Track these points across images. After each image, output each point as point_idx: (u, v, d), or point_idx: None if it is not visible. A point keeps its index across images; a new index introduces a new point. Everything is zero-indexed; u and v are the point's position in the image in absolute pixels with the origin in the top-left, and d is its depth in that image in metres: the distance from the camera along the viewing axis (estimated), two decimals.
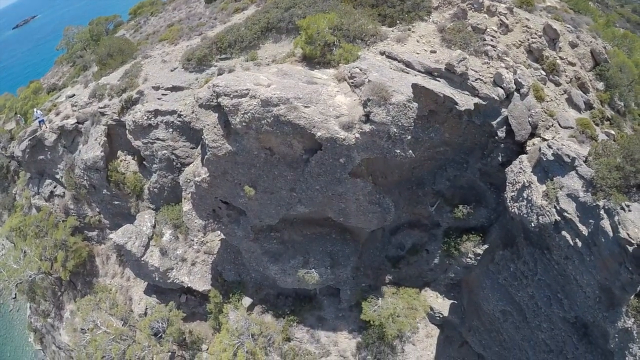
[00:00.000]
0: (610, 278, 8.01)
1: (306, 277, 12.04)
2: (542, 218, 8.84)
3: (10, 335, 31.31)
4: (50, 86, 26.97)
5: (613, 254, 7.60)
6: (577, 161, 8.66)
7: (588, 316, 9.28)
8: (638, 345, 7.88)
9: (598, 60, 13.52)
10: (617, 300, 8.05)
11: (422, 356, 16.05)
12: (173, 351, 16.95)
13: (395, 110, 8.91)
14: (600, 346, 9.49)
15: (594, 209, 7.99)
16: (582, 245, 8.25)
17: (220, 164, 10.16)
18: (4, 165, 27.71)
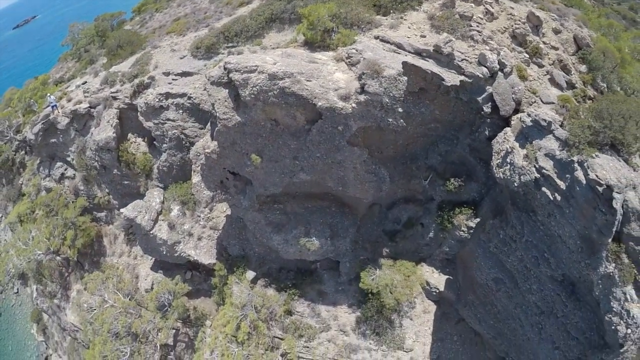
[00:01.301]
0: (588, 225, 9.17)
1: (307, 245, 13.41)
2: (523, 177, 10.29)
3: (12, 329, 32.50)
4: (57, 79, 28.88)
5: (587, 200, 8.88)
6: (553, 125, 10.18)
7: (574, 272, 10.46)
8: (621, 288, 9.00)
9: (580, 45, 15.17)
10: (597, 246, 9.20)
11: (420, 331, 17.26)
12: (177, 328, 18.19)
13: (387, 82, 10.51)
14: (588, 302, 10.63)
15: (569, 164, 9.37)
16: (561, 199, 9.58)
17: (229, 135, 11.71)
18: (9, 157, 29.41)
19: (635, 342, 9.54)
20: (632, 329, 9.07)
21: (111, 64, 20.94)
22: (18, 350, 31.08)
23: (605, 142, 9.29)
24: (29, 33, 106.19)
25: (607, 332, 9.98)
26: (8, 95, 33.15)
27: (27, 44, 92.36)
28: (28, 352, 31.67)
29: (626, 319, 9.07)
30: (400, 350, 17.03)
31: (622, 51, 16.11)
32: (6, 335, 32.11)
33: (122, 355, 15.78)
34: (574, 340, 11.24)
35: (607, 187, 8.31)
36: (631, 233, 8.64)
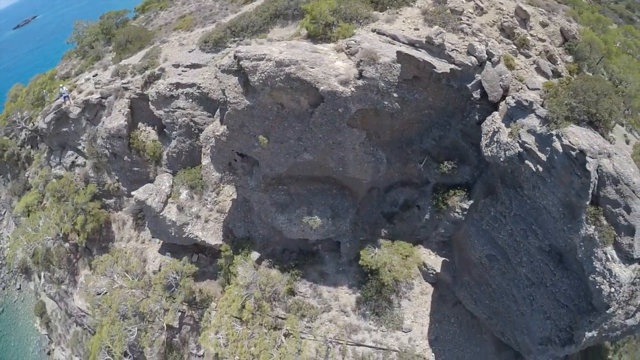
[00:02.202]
0: (567, 191, 10.47)
1: (310, 223, 14.81)
2: (508, 152, 11.76)
3: (15, 325, 33.73)
4: (63, 75, 30.57)
5: (565, 166, 10.22)
6: (534, 104, 11.69)
7: (559, 240, 11.68)
8: (602, 249, 10.18)
9: (567, 37, 16.76)
10: (577, 210, 10.45)
11: (418, 312, 18.53)
12: (183, 311, 19.42)
13: (382, 68, 12.07)
14: (575, 271, 11.85)
15: (549, 137, 10.80)
16: (542, 170, 10.96)
17: (239, 118, 13.22)
18: (14, 152, 30.96)
19: (620, 304, 10.64)
20: (615, 287, 10.22)
21: (120, 58, 22.62)
22: (21, 346, 32.23)
23: (582, 119, 10.72)
24: (29, 33, 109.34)
25: (593, 296, 11.18)
26: (14, 92, 34.94)
27: (27, 44, 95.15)
28: (30, 347, 32.83)
29: (609, 278, 10.25)
30: (399, 330, 18.29)
31: (609, 43, 17.72)
32: (9, 331, 33.29)
33: (130, 335, 17.01)
34: (564, 308, 12.50)
35: (580, 151, 9.75)
36: (607, 196, 9.93)
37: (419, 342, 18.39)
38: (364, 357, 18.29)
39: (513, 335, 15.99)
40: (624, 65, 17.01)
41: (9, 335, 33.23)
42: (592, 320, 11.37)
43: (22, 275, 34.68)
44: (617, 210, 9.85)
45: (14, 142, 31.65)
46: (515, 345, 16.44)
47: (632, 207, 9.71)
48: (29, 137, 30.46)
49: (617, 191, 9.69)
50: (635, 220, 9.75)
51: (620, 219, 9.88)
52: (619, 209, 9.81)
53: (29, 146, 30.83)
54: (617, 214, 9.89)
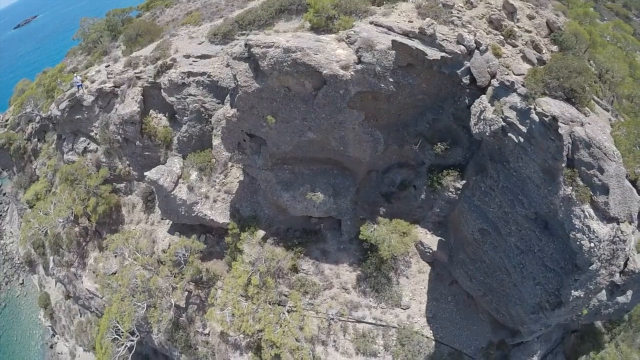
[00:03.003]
0: (545, 155, 12.11)
1: (313, 199, 16.64)
2: (492, 127, 13.66)
3: (18, 319, 35.40)
4: (71, 70, 32.77)
5: (541, 133, 11.98)
6: (516, 84, 13.65)
7: (543, 207, 13.25)
8: (579, 207, 11.75)
9: (552, 29, 18.82)
10: (555, 173, 12.07)
11: (416, 290, 20.21)
12: (190, 290, 21.06)
13: (379, 54, 14.10)
14: (559, 235, 13.30)
15: (528, 111, 12.64)
16: (523, 140, 12.72)
17: (249, 100, 15.19)
18: (20, 146, 32.99)
19: (602, 262, 12.07)
20: (595, 242, 11.72)
21: (131, 50, 24.76)
22: (23, 340, 33.84)
23: (559, 95, 12.57)
24: (30, 33, 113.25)
25: (576, 255, 12.53)
26: (20, 86, 37.21)
27: (28, 44, 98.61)
28: (33, 341, 34.40)
29: (588, 234, 11.73)
30: (397, 307, 19.92)
31: (593, 34, 19.81)
32: (12, 326, 34.92)
33: (140, 310, 18.61)
34: (551, 272, 13.93)
35: (553, 118, 11.55)
36: (581, 159, 11.59)
37: (417, 319, 20.02)
38: (365, 334, 19.88)
39: (507, 309, 17.61)
40: (609, 55, 18.99)
41: (12, 330, 34.82)
42: (577, 278, 12.75)
43: (27, 268, 36.33)
44: (591, 171, 11.47)
45: (20, 136, 33.74)
46: (509, 319, 18.07)
47: (604, 168, 11.33)
48: (36, 130, 32.56)
49: (589, 154, 11.34)
50: (609, 180, 11.35)
51: (594, 180, 11.49)
52: (593, 170, 11.43)
53: (36, 139, 32.88)
54: (591, 175, 11.49)
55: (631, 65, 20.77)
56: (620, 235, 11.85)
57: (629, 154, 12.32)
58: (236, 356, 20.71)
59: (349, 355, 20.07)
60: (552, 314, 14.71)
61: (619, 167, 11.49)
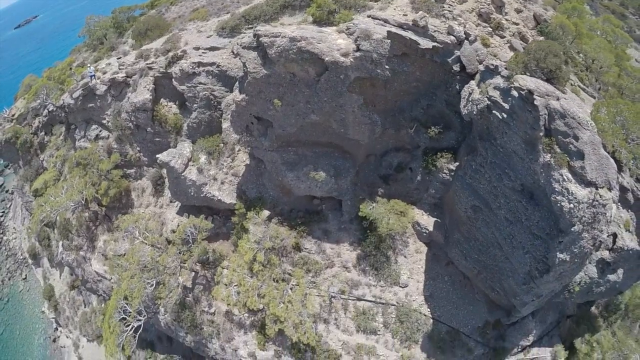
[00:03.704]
0: (525, 127, 14.02)
1: (316, 177, 18.71)
2: (479, 106, 15.78)
3: (20, 314, 37.20)
4: (79, 64, 35.27)
5: (520, 107, 13.95)
6: (499, 68, 15.80)
7: (528, 178, 15.08)
8: (558, 171, 13.56)
9: (539, 21, 21.19)
10: (534, 142, 13.92)
11: (414, 269, 22.10)
12: (196, 271, 22.95)
13: (375, 43, 16.35)
14: (544, 205, 15.08)
15: (509, 89, 14.68)
16: (506, 116, 14.73)
17: (257, 85, 17.38)
18: (27, 140, 35.29)
19: (584, 225, 13.73)
20: (574, 204, 13.40)
21: (141, 44, 27.17)
22: (26, 334, 35.58)
23: (538, 75, 14.57)
24: (30, 33, 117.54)
25: (560, 219, 14.24)
26: (27, 82, 39.70)
27: (30, 43, 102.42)
28: (36, 335, 36.12)
29: (567, 196, 13.50)
30: (396, 285, 21.78)
31: (579, 26, 22.09)
32: (14, 320, 36.70)
33: (149, 287, 20.46)
34: (538, 239, 15.70)
35: (529, 91, 13.57)
36: (557, 128, 13.50)
37: (415, 298, 21.85)
38: (365, 311, 21.69)
39: (500, 284, 19.46)
40: (596, 46, 21.28)
41: (14, 325, 36.56)
42: (562, 240, 14.45)
43: (30, 262, 38.23)
44: (567, 139, 13.38)
45: (27, 130, 36.05)
46: (503, 295, 19.91)
47: (579, 136, 13.23)
48: (43, 123, 34.87)
49: (565, 124, 13.28)
50: (584, 146, 13.20)
51: (570, 147, 13.37)
52: (569, 139, 13.34)
53: (43, 132, 35.17)
54: (567, 143, 13.39)
55: (617, 56, 23.09)
56: (599, 200, 13.47)
57: (608, 130, 14.34)
58: (240, 334, 22.48)
59: (350, 333, 21.85)
60: (542, 281, 16.45)
61: (593, 136, 13.33)
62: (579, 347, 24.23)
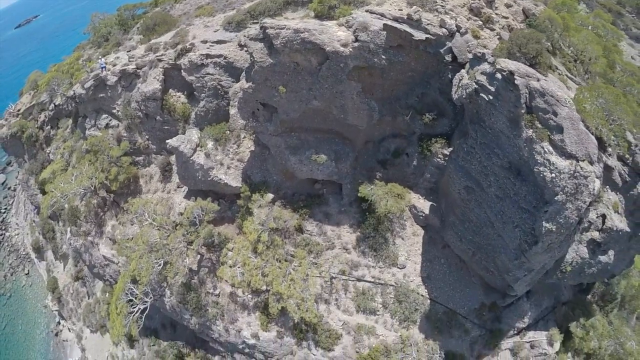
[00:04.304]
0: (509, 106, 16.00)
1: (317, 160, 20.81)
2: (467, 90, 17.90)
3: (23, 309, 39.08)
4: (86, 59, 37.77)
5: (503, 87, 15.95)
6: (486, 55, 17.96)
7: (514, 155, 17.00)
8: (539, 144, 15.42)
9: (528, 15, 23.53)
10: (517, 119, 15.90)
11: (411, 251, 24.02)
12: (202, 254, 24.88)
13: (372, 34, 18.60)
14: (530, 180, 16.96)
15: (494, 73, 16.81)
16: (492, 98, 16.76)
17: (263, 73, 19.59)
18: (33, 134, 37.63)
19: (567, 195, 15.47)
20: (555, 173, 15.19)
21: (149, 39, 29.59)
22: (28, 329, 37.39)
23: (522, 60, 16.74)
24: (31, 33, 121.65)
25: (544, 191, 16.08)
26: (33, 77, 42.23)
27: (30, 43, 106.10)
28: (38, 330, 37.92)
29: (549, 167, 15.38)
30: (394, 267, 23.67)
31: (566, 19, 24.35)
32: (16, 315, 38.57)
33: (157, 266, 22.36)
34: (526, 212, 17.57)
35: (510, 72, 15.62)
36: (538, 105, 15.50)
37: (413, 278, 23.71)
38: (364, 291, 23.53)
39: (494, 262, 21.32)
40: (584, 39, 23.56)
41: (16, 319, 38.39)
42: (547, 209, 16.31)
43: (34, 256, 40.18)
44: (547, 115, 15.35)
45: (33, 124, 38.42)
46: (497, 273, 21.78)
47: (558, 112, 15.20)
48: (49, 117, 37.22)
49: (544, 101, 15.26)
50: (562, 121, 15.15)
51: (550, 122, 15.32)
52: (549, 115, 15.31)
53: (49, 126, 37.49)
54: (547, 119, 15.36)
55: (606, 48, 25.39)
56: (581, 171, 15.17)
57: (590, 110, 16.30)
58: (244, 316, 24.29)
59: (350, 313, 23.65)
60: (531, 253, 18.15)
61: (571, 112, 15.25)
62: (574, 330, 25.92)
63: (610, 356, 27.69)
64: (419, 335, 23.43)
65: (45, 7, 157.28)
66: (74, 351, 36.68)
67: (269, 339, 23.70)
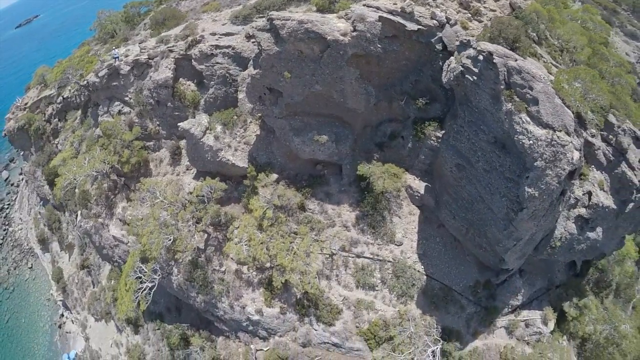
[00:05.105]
0: (490, 84, 18.90)
1: (319, 140, 23.89)
2: (454, 72, 21.01)
3: (26, 302, 41.74)
4: (94, 53, 41.40)
5: (485, 67, 18.91)
6: (471, 41, 21.21)
7: (499, 130, 19.82)
8: (518, 115, 18.22)
9: (514, 8, 26.97)
10: (498, 95, 18.85)
11: (408, 229, 26.86)
12: (209, 232, 27.75)
13: (369, 24, 21.92)
14: (514, 152, 19.74)
15: (477, 56, 20.06)
16: (476, 78, 19.83)
17: (270, 60, 22.85)
18: (40, 126, 40.99)
19: (546, 162, 18.01)
20: (533, 140, 17.79)
21: (159, 32, 33.11)
22: (31, 322, 39.99)
23: (503, 45, 19.97)
24: (31, 32, 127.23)
25: (526, 159, 18.74)
26: (40, 72, 45.84)
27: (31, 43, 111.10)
28: (41, 322, 40.50)
29: (527, 134, 18.08)
30: (392, 243, 26.46)
31: (551, 12, 27.69)
32: (19, 309, 41.24)
33: (167, 241, 25.21)
34: (511, 182, 20.28)
35: (489, 52, 18.68)
36: (515, 82, 18.40)
37: (410, 255, 26.48)
38: (364, 267, 26.27)
39: (486, 237, 24.05)
40: (569, 30, 26.90)
41: (19, 313, 41.03)
42: (528, 175, 18.95)
43: (40, 247, 43.00)
44: (524, 90, 18.22)
45: (40, 117, 41.81)
46: (489, 247, 24.52)
47: (533, 87, 18.06)
48: (57, 110, 40.60)
49: (521, 78, 18.16)
50: (538, 95, 17.95)
51: (527, 95, 18.16)
52: (525, 89, 18.17)
53: (57, 119, 40.85)
54: (524, 93, 18.21)
55: (591, 39, 28.74)
56: (557, 140, 17.63)
57: (568, 89, 19.05)
58: (249, 292, 27.00)
59: (350, 289, 26.34)
60: (518, 220, 20.56)
61: (546, 86, 18.04)
62: (568, 310, 28.49)
63: (606, 339, 30.14)
64: (416, 311, 26.05)
65: (45, 7, 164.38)
66: (77, 342, 39.06)
67: (272, 315, 26.33)
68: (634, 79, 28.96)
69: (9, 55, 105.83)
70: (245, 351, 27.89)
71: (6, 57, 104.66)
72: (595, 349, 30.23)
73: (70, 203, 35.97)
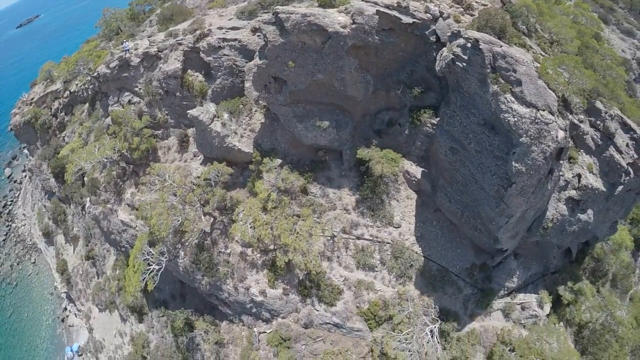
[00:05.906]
0: (477, 69, 21.63)
1: (321, 125, 26.86)
2: (446, 60, 23.97)
3: (29, 297, 44.42)
4: (101, 48, 44.91)
5: (473, 54, 21.73)
6: (461, 32, 24.31)
7: (488, 112, 22.57)
8: (503, 95, 20.93)
9: (505, 2, 30.28)
10: (485, 78, 21.56)
11: (405, 212, 29.64)
12: (215, 216, 30.58)
13: (367, 17, 25.13)
14: (502, 132, 22.46)
15: (466, 42, 23.20)
16: (466, 64, 22.88)
17: (275, 51, 26.03)
18: (46, 121, 44.27)
19: (531, 138, 20.62)
20: (517, 117, 20.32)
21: (167, 27, 36.51)
22: (35, 316, 42.58)
23: (490, 34, 23.20)
24: (32, 32, 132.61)
25: (512, 137, 21.51)
26: (46, 67, 49.35)
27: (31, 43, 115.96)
28: (44, 317, 43.07)
29: (512, 112, 20.71)
30: (390, 226, 29.21)
31: (541, 6, 30.93)
32: (23, 304, 43.90)
33: (176, 222, 28.03)
34: (500, 160, 22.99)
35: (475, 40, 21.76)
36: (500, 65, 21.19)
37: (408, 237, 29.19)
38: (364, 249, 28.95)
39: (480, 217, 26.79)
40: (559, 24, 30.12)
41: (22, 308, 43.64)
42: (515, 151, 21.58)
43: (44, 240, 45.77)
44: (509, 73, 20.95)
45: (46, 112, 45.13)
46: (483, 227, 27.23)
47: (517, 69, 20.79)
48: (64, 104, 43.91)
49: (506, 62, 20.94)
50: (521, 76, 20.66)
51: (511, 77, 20.88)
52: (510, 72, 20.90)
53: (63, 113, 44.14)
54: (509, 75, 20.94)
55: (580, 32, 31.95)
56: (541, 118, 20.18)
57: (552, 74, 21.76)
58: (253, 274, 29.66)
59: (351, 270, 28.99)
60: (508, 195, 23.28)
61: (528, 69, 20.77)
62: (563, 294, 31.01)
63: (602, 326, 32.55)
64: (414, 291, 28.64)
65: (46, 7, 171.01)
66: (80, 336, 41.47)
67: (275, 296, 28.94)
68: (624, 71, 32.15)
69: (10, 55, 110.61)
70: (248, 334, 30.41)
71: (7, 57, 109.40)
72: (592, 335, 32.55)
73: (76, 195, 38.87)
